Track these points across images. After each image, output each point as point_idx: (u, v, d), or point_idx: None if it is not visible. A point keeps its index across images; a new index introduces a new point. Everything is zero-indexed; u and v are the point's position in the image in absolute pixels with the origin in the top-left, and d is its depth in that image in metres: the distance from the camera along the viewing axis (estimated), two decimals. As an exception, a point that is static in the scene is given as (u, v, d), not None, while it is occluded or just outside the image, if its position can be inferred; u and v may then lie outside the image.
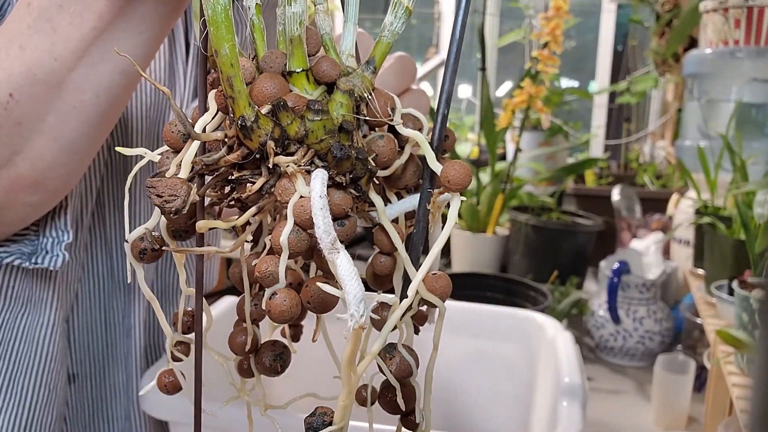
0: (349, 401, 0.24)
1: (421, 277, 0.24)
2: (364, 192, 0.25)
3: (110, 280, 0.56)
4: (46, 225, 0.46)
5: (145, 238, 0.27)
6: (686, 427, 0.96)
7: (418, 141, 0.25)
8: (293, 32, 0.25)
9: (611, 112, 2.45)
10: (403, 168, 0.27)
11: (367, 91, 0.25)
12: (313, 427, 0.25)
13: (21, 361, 0.49)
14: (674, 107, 2.00)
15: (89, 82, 0.37)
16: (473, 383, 0.73)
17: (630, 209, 1.62)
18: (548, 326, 0.67)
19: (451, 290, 0.26)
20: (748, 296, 0.72)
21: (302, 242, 0.23)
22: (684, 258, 1.26)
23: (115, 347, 0.58)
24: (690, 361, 0.98)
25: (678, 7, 1.85)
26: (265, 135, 0.24)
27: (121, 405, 0.58)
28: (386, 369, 0.26)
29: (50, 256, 0.46)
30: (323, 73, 0.25)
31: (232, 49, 0.23)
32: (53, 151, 0.39)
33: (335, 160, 0.24)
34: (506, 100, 1.54)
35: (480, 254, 1.49)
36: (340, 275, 0.22)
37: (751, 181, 0.98)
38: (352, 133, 0.25)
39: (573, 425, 0.48)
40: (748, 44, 1.18)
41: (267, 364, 0.29)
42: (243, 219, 0.25)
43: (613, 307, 1.15)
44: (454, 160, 0.25)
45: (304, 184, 0.23)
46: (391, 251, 0.26)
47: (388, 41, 0.26)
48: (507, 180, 1.54)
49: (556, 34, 1.43)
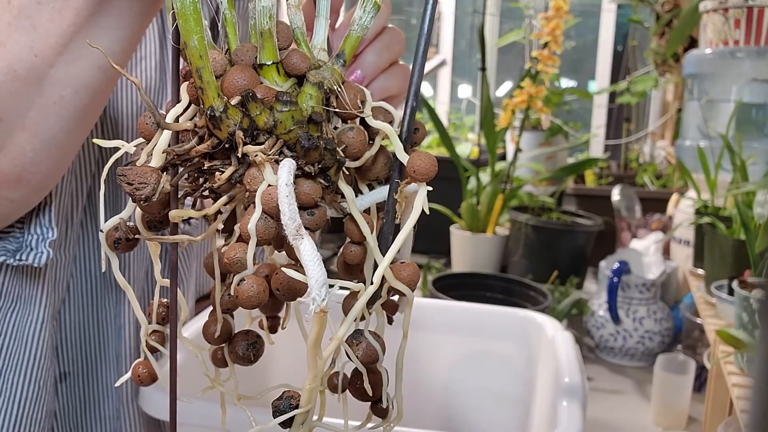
0: (315, 384, 0.24)
1: (387, 263, 0.25)
2: (333, 182, 0.26)
3: (102, 278, 0.56)
4: (30, 222, 0.46)
5: (120, 228, 0.27)
6: (686, 427, 0.96)
7: (387, 133, 0.26)
8: (263, 26, 0.25)
9: (611, 112, 2.45)
10: (374, 160, 0.27)
11: (337, 84, 0.26)
12: (280, 410, 0.25)
13: (11, 358, 0.50)
14: (674, 107, 2.00)
15: (69, 78, 0.38)
16: (473, 383, 0.73)
17: (630, 209, 1.62)
18: (548, 326, 0.67)
19: (418, 279, 0.26)
20: (748, 296, 0.72)
21: (269, 230, 0.24)
22: (684, 258, 1.26)
23: (107, 346, 0.58)
24: (690, 361, 0.98)
25: (678, 7, 1.85)
26: (234, 125, 0.24)
27: (112, 404, 0.58)
28: (353, 354, 0.26)
29: (35, 253, 0.46)
30: (293, 66, 0.26)
31: (200, 41, 0.24)
32: (35, 146, 0.40)
33: (303, 150, 0.24)
34: (506, 100, 1.54)
35: (480, 254, 1.49)
36: (304, 260, 0.22)
37: (751, 181, 0.98)
38: (321, 125, 0.25)
39: (573, 425, 0.48)
40: (748, 44, 1.18)
41: (240, 353, 0.29)
42: (214, 208, 0.26)
43: (613, 307, 1.15)
44: (420, 151, 0.26)
45: (272, 173, 0.24)
46: (361, 240, 0.26)
47: (358, 35, 0.27)
48: (507, 180, 1.54)
49: (556, 34, 1.43)
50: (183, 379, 0.48)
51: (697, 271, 1.08)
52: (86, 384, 0.57)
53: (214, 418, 0.49)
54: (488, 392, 0.72)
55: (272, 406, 0.25)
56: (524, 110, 1.52)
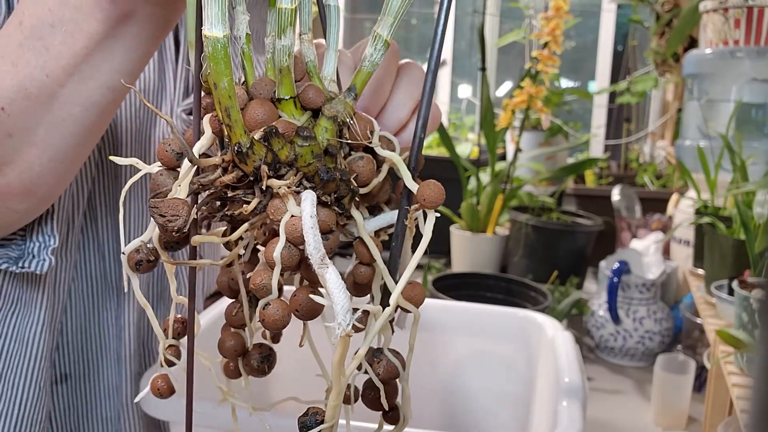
0: (338, 401, 0.26)
1: (401, 288, 0.26)
2: (346, 209, 0.27)
3: (103, 281, 0.57)
4: (33, 230, 0.47)
5: (141, 250, 0.29)
6: (686, 426, 0.96)
7: (395, 162, 0.28)
8: (282, 63, 0.27)
9: (611, 112, 2.45)
10: (378, 189, 0.29)
11: (349, 117, 0.27)
12: (307, 426, 0.26)
13: (12, 359, 0.50)
14: (674, 107, 2.00)
15: (79, 97, 0.39)
16: (473, 383, 0.73)
17: (630, 209, 1.62)
18: (548, 326, 0.67)
19: (424, 298, 0.28)
20: (747, 296, 0.72)
21: (293, 257, 0.26)
22: (684, 258, 1.26)
23: (108, 348, 0.58)
24: (690, 361, 0.98)
25: (678, 7, 1.85)
26: (259, 160, 0.26)
27: (112, 406, 0.59)
28: (372, 373, 0.28)
29: (37, 261, 0.47)
30: (309, 100, 0.27)
31: (230, 83, 0.25)
32: (43, 161, 0.40)
33: (322, 182, 0.26)
34: (506, 100, 1.54)
35: (480, 254, 1.49)
36: (330, 288, 0.24)
37: (750, 181, 0.99)
38: (336, 156, 0.27)
39: (573, 425, 0.48)
40: (748, 44, 1.18)
41: (255, 366, 0.31)
42: (237, 234, 0.28)
43: (613, 307, 1.15)
44: (429, 180, 0.27)
45: (295, 204, 0.26)
46: (370, 262, 0.28)
47: (369, 71, 0.28)
48: (507, 180, 1.54)
49: (556, 34, 1.43)
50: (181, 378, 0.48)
51: (697, 271, 1.08)
52: (87, 386, 0.58)
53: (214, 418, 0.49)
54: (488, 392, 0.72)
55: (299, 422, 0.27)
56: (524, 110, 1.52)
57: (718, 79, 1.23)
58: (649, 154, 2.19)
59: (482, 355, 0.72)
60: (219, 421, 0.49)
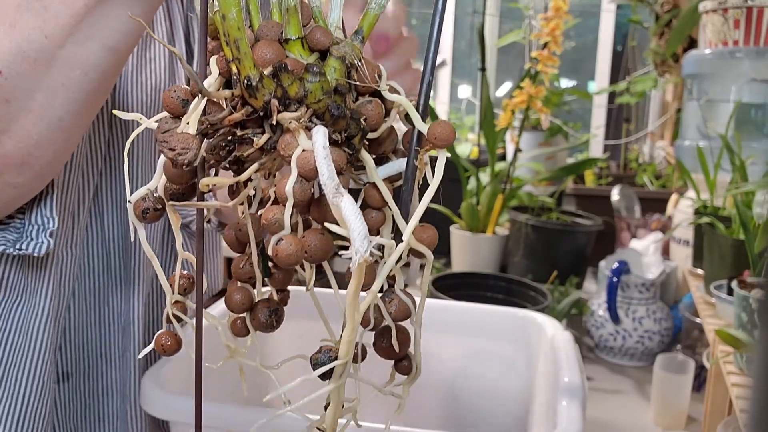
0: (353, 336, 0.25)
1: (414, 224, 0.26)
2: (356, 150, 0.27)
3: (107, 277, 0.57)
4: (31, 212, 0.47)
5: (147, 198, 0.28)
6: (685, 426, 0.96)
7: (404, 105, 0.28)
8: (289, 2, 0.27)
9: (611, 112, 2.45)
10: (386, 135, 0.29)
11: (357, 59, 0.27)
12: (320, 362, 0.26)
13: (15, 353, 0.50)
14: (673, 107, 2.01)
15: (78, 59, 0.38)
16: (473, 383, 0.73)
17: (629, 209, 1.62)
18: (548, 326, 0.67)
19: (437, 240, 0.28)
20: (747, 296, 0.72)
21: (305, 192, 0.25)
22: (683, 258, 1.27)
23: (110, 346, 0.58)
24: (689, 360, 0.98)
25: (677, 8, 1.85)
26: (269, 94, 0.26)
27: (115, 404, 0.58)
28: (385, 311, 0.28)
29: (35, 243, 0.46)
30: (317, 41, 0.27)
31: (238, 14, 0.25)
32: (40, 130, 0.40)
33: (332, 119, 0.26)
34: (506, 100, 1.54)
35: (480, 254, 1.49)
36: (345, 215, 0.23)
37: (750, 181, 0.99)
38: (346, 96, 0.27)
39: (572, 425, 0.48)
40: (748, 44, 1.18)
41: (263, 320, 0.31)
42: (246, 174, 0.27)
43: (613, 306, 1.15)
44: (439, 120, 0.27)
45: (306, 138, 0.25)
46: (381, 206, 0.28)
47: (375, 13, 0.28)
48: (507, 180, 1.54)
49: (556, 34, 1.43)
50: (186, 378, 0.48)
51: (697, 271, 1.08)
52: (89, 384, 0.58)
53: (214, 418, 0.49)
54: (488, 392, 0.72)
55: (311, 360, 0.27)
56: (524, 110, 1.52)
57: (717, 80, 1.23)
58: (648, 154, 2.19)
59: (482, 355, 0.72)
60: (219, 421, 0.49)
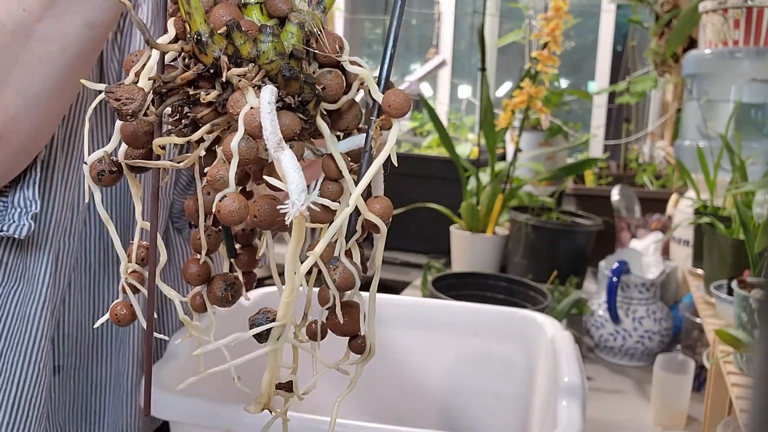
0: (291, 298, 0.25)
1: (361, 189, 0.26)
2: (312, 117, 0.27)
3: (103, 272, 0.57)
4: (14, 195, 0.47)
5: (103, 161, 0.28)
6: (685, 426, 0.96)
7: (363, 76, 0.28)
8: None
9: (611, 112, 2.45)
10: (348, 108, 0.29)
11: (317, 27, 0.27)
12: (257, 323, 0.26)
13: (13, 337, 0.50)
14: (673, 107, 2.01)
15: (56, 33, 0.38)
16: (473, 383, 0.73)
17: (629, 209, 1.62)
18: (548, 326, 0.67)
19: (391, 212, 0.28)
20: (747, 296, 0.72)
21: (251, 150, 0.25)
22: (683, 258, 1.27)
23: (103, 341, 0.58)
24: (689, 360, 0.98)
25: (677, 8, 1.85)
26: (219, 51, 0.26)
27: (107, 398, 0.59)
28: (329, 279, 0.27)
29: (16, 225, 0.47)
30: (276, 7, 0.27)
31: None
32: (18, 104, 0.40)
33: (284, 80, 0.26)
34: (506, 100, 1.54)
35: (480, 254, 1.49)
36: (285, 169, 0.23)
37: (750, 181, 0.99)
38: (302, 61, 0.27)
39: (572, 424, 0.48)
40: (748, 44, 1.18)
41: (218, 294, 0.30)
42: (198, 134, 0.27)
43: (613, 306, 1.15)
44: (394, 89, 0.27)
45: (254, 96, 0.25)
46: (337, 178, 0.28)
47: None
48: (507, 180, 1.54)
49: (556, 34, 1.43)
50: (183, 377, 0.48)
51: (697, 271, 1.08)
52: (79, 378, 0.58)
53: (214, 418, 0.49)
54: (488, 392, 0.72)
55: (249, 321, 0.26)
56: (524, 110, 1.52)
57: (717, 80, 1.23)
58: (648, 154, 2.19)
59: (482, 354, 0.72)
60: (218, 421, 0.49)
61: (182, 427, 0.54)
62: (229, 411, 0.50)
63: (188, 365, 0.57)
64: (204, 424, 0.50)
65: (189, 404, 0.50)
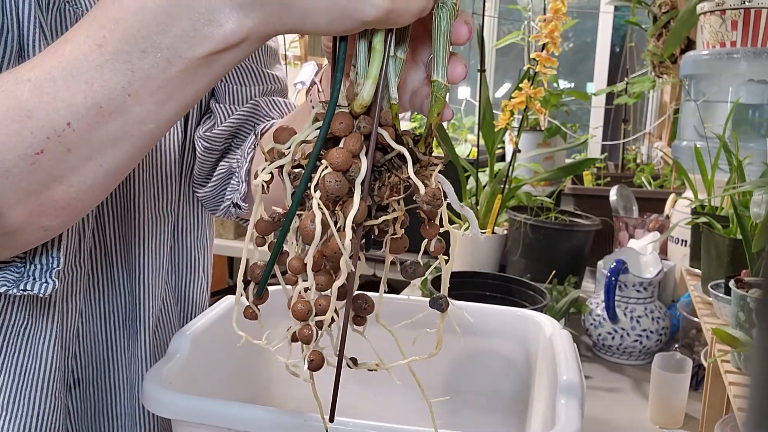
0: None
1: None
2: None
3: (110, 287, 0.57)
4: (35, 253, 0.45)
5: None
6: (683, 425, 0.97)
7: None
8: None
9: (609, 113, 2.46)
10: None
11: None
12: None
13: (26, 373, 0.50)
14: (671, 108, 2.01)
15: (154, 115, 0.37)
16: (472, 382, 0.73)
17: (627, 209, 1.62)
18: (546, 325, 0.68)
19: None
20: (744, 295, 0.73)
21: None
22: (681, 257, 1.27)
23: (116, 350, 0.59)
24: (687, 359, 0.99)
25: (675, 9, 1.85)
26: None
27: (123, 404, 0.59)
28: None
29: (39, 283, 0.45)
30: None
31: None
32: (97, 176, 0.39)
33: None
34: (505, 101, 1.55)
35: (478, 254, 1.50)
36: None
37: (747, 181, 0.99)
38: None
39: (571, 423, 0.48)
40: (745, 45, 1.19)
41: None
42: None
43: (611, 305, 1.15)
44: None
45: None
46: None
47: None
48: (505, 180, 1.54)
49: (555, 35, 1.44)
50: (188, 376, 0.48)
51: (694, 270, 1.09)
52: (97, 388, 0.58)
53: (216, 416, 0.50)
54: (487, 391, 0.73)
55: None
56: (523, 111, 1.52)
57: (715, 80, 1.24)
58: (646, 154, 2.20)
59: (481, 354, 0.73)
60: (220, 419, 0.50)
61: (185, 426, 0.54)
62: (231, 409, 0.50)
63: (189, 364, 0.57)
64: (206, 423, 0.51)
65: (191, 403, 0.50)
